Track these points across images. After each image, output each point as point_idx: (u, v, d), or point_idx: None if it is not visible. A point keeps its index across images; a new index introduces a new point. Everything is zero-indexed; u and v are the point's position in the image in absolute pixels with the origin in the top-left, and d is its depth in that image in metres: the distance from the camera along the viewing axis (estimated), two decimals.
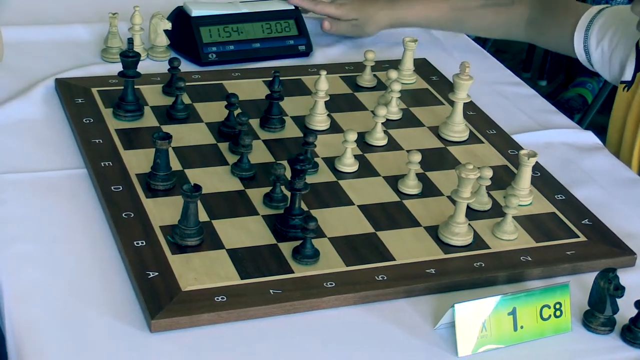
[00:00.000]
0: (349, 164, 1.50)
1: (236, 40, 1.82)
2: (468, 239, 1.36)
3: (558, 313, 1.23)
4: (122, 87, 1.58)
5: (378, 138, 1.58)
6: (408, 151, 1.50)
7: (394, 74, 1.65)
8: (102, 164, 1.44)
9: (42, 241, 1.31)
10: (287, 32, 1.86)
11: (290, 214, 1.34)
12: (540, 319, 1.22)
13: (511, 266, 1.33)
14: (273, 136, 1.57)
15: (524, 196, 1.46)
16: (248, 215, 1.37)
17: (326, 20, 1.91)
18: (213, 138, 1.55)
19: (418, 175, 1.48)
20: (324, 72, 1.59)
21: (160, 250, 1.28)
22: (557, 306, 1.23)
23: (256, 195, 1.41)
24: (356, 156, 1.52)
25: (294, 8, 1.88)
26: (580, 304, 1.28)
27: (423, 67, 1.85)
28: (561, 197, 1.50)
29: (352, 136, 1.48)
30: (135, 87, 1.58)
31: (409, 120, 1.67)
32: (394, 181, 1.48)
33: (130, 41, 1.58)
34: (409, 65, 1.79)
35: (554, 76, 3.90)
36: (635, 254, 1.39)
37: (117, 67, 1.60)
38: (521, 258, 1.35)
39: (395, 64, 1.81)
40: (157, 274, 1.24)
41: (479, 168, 1.36)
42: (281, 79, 1.58)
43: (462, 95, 1.60)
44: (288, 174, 1.35)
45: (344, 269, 1.29)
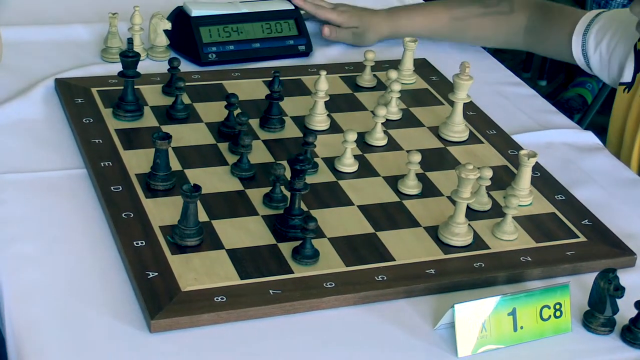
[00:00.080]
0: (348, 164, 1.50)
1: (236, 40, 1.82)
2: (468, 239, 1.36)
3: (558, 313, 1.23)
4: (122, 87, 1.58)
5: (378, 138, 1.58)
6: (408, 151, 1.49)
7: (393, 74, 1.65)
8: (102, 164, 1.44)
9: (42, 241, 1.31)
10: (287, 32, 1.86)
11: (290, 214, 1.34)
12: (540, 320, 1.22)
13: (511, 266, 1.33)
14: (273, 136, 1.57)
15: (524, 196, 1.46)
16: (248, 216, 1.37)
17: (326, 27, 1.90)
18: (213, 138, 1.55)
19: (418, 175, 1.48)
20: (324, 72, 1.59)
21: (160, 251, 1.28)
22: (557, 306, 1.23)
23: (256, 195, 1.41)
24: (356, 156, 1.52)
25: (294, 8, 1.88)
26: (580, 304, 1.28)
27: (423, 67, 1.85)
28: (561, 197, 1.50)
29: (352, 136, 1.48)
30: (135, 87, 1.58)
31: (408, 121, 1.67)
32: (393, 181, 1.48)
33: (130, 41, 1.58)
34: (409, 65, 1.79)
35: (553, 76, 3.91)
36: (635, 254, 1.39)
37: (117, 67, 1.60)
38: (521, 258, 1.35)
39: (395, 64, 1.81)
40: (156, 274, 1.24)
41: (479, 168, 1.36)
42: (281, 79, 1.58)
43: (462, 96, 1.60)
44: (288, 174, 1.35)
45: (344, 269, 1.29)
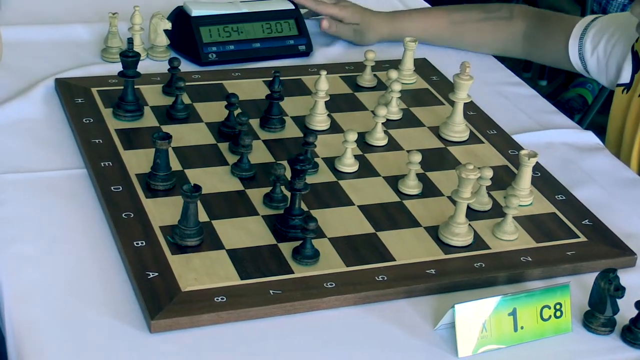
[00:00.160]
0: (349, 164, 1.50)
1: (236, 40, 1.82)
2: (468, 240, 1.36)
3: (558, 313, 1.23)
4: (122, 87, 1.57)
5: (378, 138, 1.58)
6: (408, 151, 1.49)
7: (394, 74, 1.65)
8: (102, 164, 1.44)
9: (42, 241, 1.31)
10: (288, 32, 1.86)
11: (290, 214, 1.34)
12: (540, 320, 1.22)
13: (511, 266, 1.33)
14: (273, 136, 1.57)
15: (524, 196, 1.46)
16: (248, 216, 1.37)
17: (325, 19, 1.90)
18: (213, 138, 1.55)
19: (418, 175, 1.48)
20: (324, 72, 1.59)
21: (160, 251, 1.28)
22: (558, 307, 1.23)
23: (256, 195, 1.41)
24: (356, 156, 1.52)
25: (294, 8, 1.88)
26: (581, 304, 1.27)
27: (423, 67, 1.85)
28: (561, 197, 1.50)
29: (352, 136, 1.48)
30: (135, 87, 1.58)
31: (409, 121, 1.67)
32: (394, 181, 1.48)
33: (130, 41, 1.58)
34: (409, 65, 1.79)
35: (554, 76, 3.91)
36: (635, 254, 1.39)
37: (117, 67, 1.60)
38: (521, 258, 1.35)
39: (396, 64, 1.81)
40: (157, 274, 1.24)
41: (479, 168, 1.36)
42: (281, 79, 1.58)
43: (462, 95, 1.60)
44: (288, 174, 1.35)
45: (344, 270, 1.29)
